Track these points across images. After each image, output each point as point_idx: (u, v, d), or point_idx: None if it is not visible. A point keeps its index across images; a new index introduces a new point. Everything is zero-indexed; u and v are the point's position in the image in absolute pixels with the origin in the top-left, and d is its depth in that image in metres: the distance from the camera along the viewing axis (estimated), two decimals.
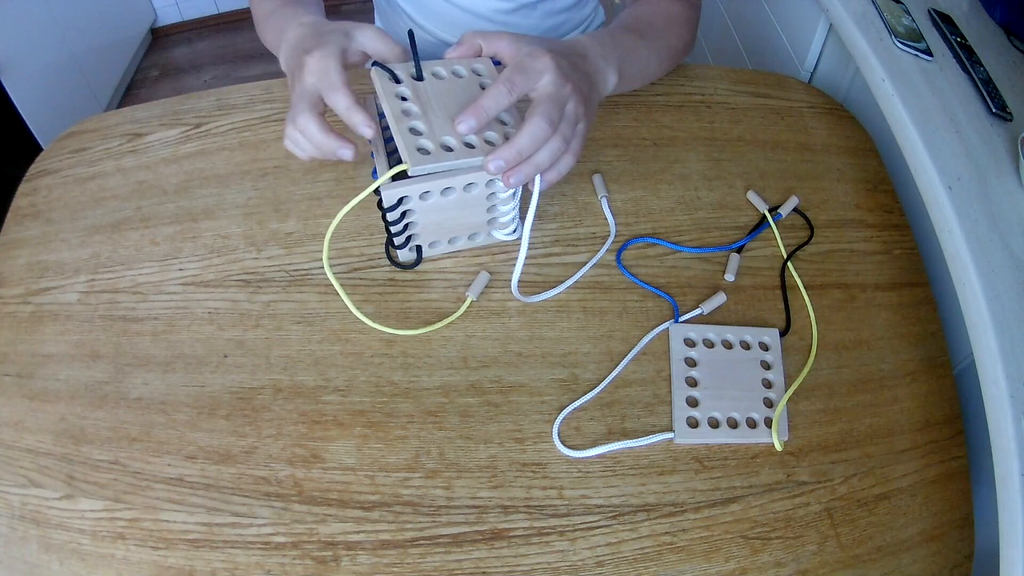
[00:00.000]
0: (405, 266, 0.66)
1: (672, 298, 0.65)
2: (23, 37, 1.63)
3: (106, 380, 0.60)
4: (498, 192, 0.61)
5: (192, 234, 0.68)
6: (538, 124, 0.53)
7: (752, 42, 1.17)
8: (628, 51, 0.67)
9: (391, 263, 0.66)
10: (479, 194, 0.61)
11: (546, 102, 0.54)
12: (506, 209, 0.64)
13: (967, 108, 0.71)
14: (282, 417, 0.58)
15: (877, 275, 0.69)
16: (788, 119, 0.80)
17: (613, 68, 0.63)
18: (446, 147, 0.55)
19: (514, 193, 0.63)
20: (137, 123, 0.77)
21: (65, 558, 0.53)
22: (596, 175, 0.72)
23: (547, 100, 0.54)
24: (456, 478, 0.56)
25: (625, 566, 0.53)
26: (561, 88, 0.55)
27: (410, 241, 0.64)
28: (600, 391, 0.60)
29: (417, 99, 0.56)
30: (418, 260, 0.66)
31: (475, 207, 0.62)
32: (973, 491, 0.60)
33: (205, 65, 2.27)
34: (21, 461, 0.57)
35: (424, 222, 0.62)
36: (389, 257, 0.66)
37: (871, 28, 0.77)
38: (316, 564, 0.53)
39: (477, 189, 0.60)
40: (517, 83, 0.54)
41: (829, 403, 0.61)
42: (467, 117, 0.54)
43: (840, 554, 0.55)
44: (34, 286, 0.66)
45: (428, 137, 0.54)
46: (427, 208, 0.60)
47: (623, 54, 0.65)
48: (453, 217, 0.63)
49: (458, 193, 0.60)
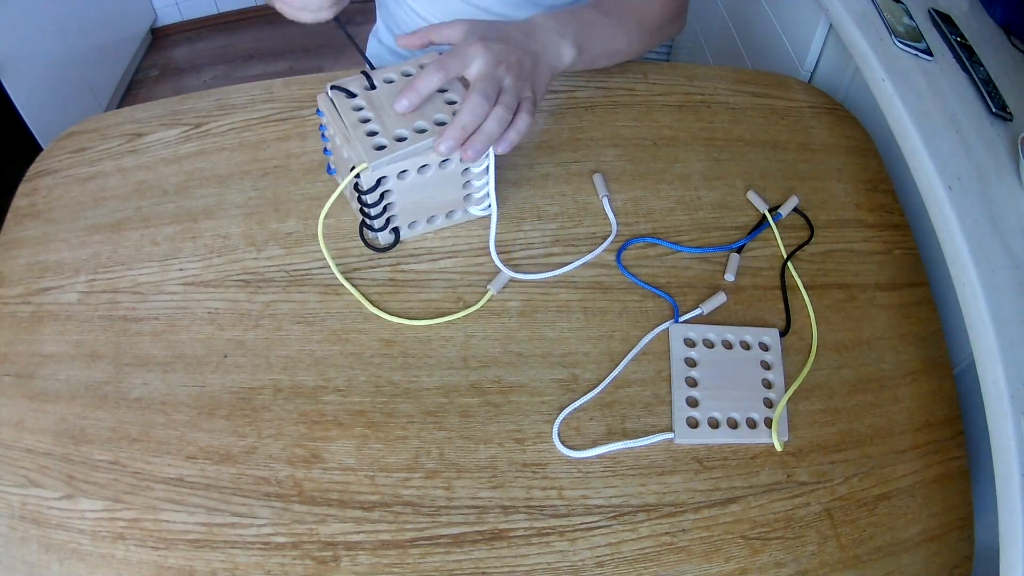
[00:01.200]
0: (383, 248, 0.67)
1: (672, 298, 0.65)
2: (23, 37, 1.63)
3: (106, 380, 0.60)
4: (472, 167, 0.63)
5: (192, 234, 0.68)
6: (475, 100, 0.58)
7: (752, 42, 1.17)
8: (588, 25, 0.71)
9: (367, 247, 0.67)
10: (454, 169, 0.63)
11: (481, 81, 0.59)
12: (480, 184, 0.65)
13: (967, 108, 0.71)
14: (282, 417, 0.58)
15: (877, 275, 0.69)
16: (788, 119, 0.80)
17: (569, 42, 0.68)
18: (399, 138, 0.60)
19: (487, 167, 0.64)
20: (137, 123, 0.77)
21: (65, 558, 0.53)
22: (597, 175, 0.72)
23: (481, 80, 0.59)
24: (456, 478, 0.56)
25: (625, 566, 0.53)
26: (494, 69, 0.60)
27: (388, 224, 0.65)
28: (600, 391, 0.60)
29: (371, 106, 0.62)
30: (395, 242, 0.67)
31: (451, 183, 0.64)
32: (973, 491, 0.60)
33: (205, 65, 2.27)
34: (21, 461, 0.57)
35: (402, 202, 0.64)
36: (365, 241, 0.67)
37: (871, 28, 0.77)
38: (316, 564, 0.53)
39: (452, 164, 0.62)
40: (449, 65, 0.60)
41: (829, 403, 0.61)
42: (403, 98, 0.60)
43: (840, 554, 0.55)
44: (34, 286, 0.66)
45: (383, 135, 0.60)
46: (405, 187, 0.62)
47: (581, 29, 0.70)
48: (431, 195, 0.64)
49: (434, 170, 0.62)
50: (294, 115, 0.77)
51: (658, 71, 0.83)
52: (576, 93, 0.80)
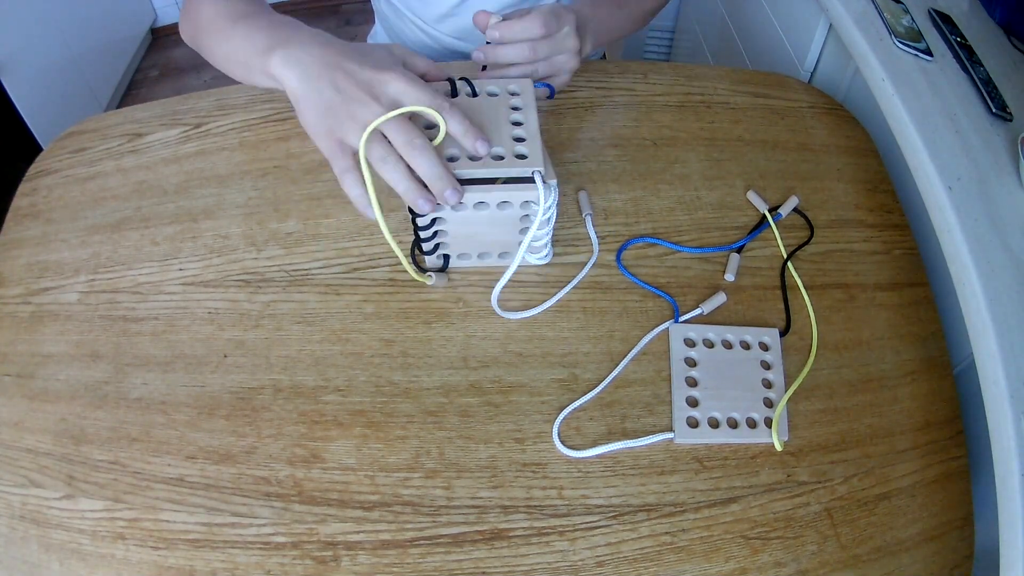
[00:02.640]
0: (427, 271, 0.64)
1: (672, 298, 0.65)
2: (23, 37, 1.63)
3: (106, 380, 0.60)
4: (532, 216, 0.59)
5: (192, 234, 0.68)
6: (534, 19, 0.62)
7: (752, 42, 1.17)
8: (606, 19, 0.73)
9: (417, 268, 0.63)
10: (512, 214, 0.60)
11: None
12: (540, 233, 0.62)
13: (967, 108, 0.71)
14: (282, 417, 0.58)
15: (877, 275, 0.69)
16: (788, 119, 0.80)
17: (590, 38, 0.69)
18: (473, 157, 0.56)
19: (549, 218, 0.61)
20: (137, 123, 0.77)
21: (65, 558, 0.53)
22: (581, 192, 0.71)
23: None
24: (456, 478, 0.56)
25: (625, 566, 0.53)
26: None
27: (438, 249, 0.64)
28: (600, 391, 0.60)
29: None
30: (443, 268, 0.65)
31: (507, 226, 0.61)
32: (973, 491, 0.60)
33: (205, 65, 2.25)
34: (21, 461, 0.57)
35: (454, 232, 0.61)
36: (415, 261, 0.63)
37: (871, 28, 0.77)
38: (316, 564, 0.53)
39: (511, 209, 0.59)
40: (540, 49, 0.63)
41: (829, 403, 0.61)
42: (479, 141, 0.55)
43: (840, 554, 0.55)
44: (34, 286, 0.66)
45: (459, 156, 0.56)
46: (458, 219, 0.59)
47: (600, 25, 0.72)
48: (484, 233, 0.62)
49: (491, 210, 0.58)
50: (294, 115, 0.76)
51: (658, 71, 0.83)
52: (576, 93, 0.80)
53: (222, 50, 0.61)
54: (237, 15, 0.60)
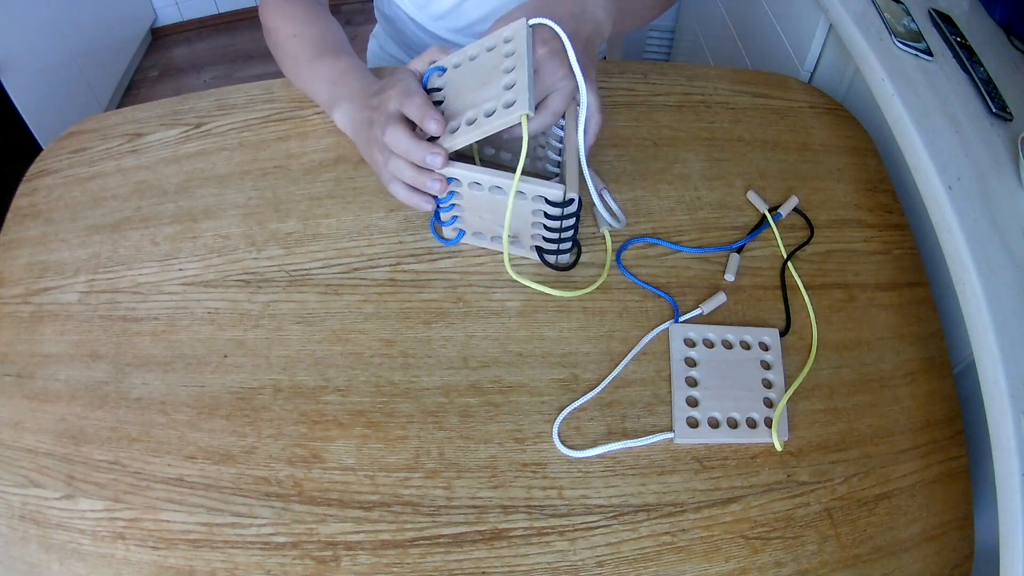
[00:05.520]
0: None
1: (672, 298, 0.65)
2: (23, 37, 1.63)
3: (106, 380, 0.60)
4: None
5: (192, 234, 0.68)
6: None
7: (752, 42, 1.17)
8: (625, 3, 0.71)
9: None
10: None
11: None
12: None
13: (967, 108, 0.71)
14: (282, 417, 0.58)
15: (877, 275, 0.69)
16: (788, 119, 0.80)
17: (609, 20, 0.68)
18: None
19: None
20: (137, 123, 0.77)
21: (65, 558, 0.53)
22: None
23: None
24: (456, 478, 0.56)
25: (625, 566, 0.53)
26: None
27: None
28: (600, 391, 0.60)
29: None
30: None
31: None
32: (973, 491, 0.60)
33: (205, 65, 2.27)
34: (21, 461, 0.57)
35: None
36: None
37: (871, 28, 0.77)
38: (316, 564, 0.53)
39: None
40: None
41: (829, 403, 0.61)
42: None
43: (840, 554, 0.55)
44: (34, 286, 0.66)
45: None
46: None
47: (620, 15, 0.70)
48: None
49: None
50: (294, 115, 0.77)
51: (658, 71, 0.83)
52: None
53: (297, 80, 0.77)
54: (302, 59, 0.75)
